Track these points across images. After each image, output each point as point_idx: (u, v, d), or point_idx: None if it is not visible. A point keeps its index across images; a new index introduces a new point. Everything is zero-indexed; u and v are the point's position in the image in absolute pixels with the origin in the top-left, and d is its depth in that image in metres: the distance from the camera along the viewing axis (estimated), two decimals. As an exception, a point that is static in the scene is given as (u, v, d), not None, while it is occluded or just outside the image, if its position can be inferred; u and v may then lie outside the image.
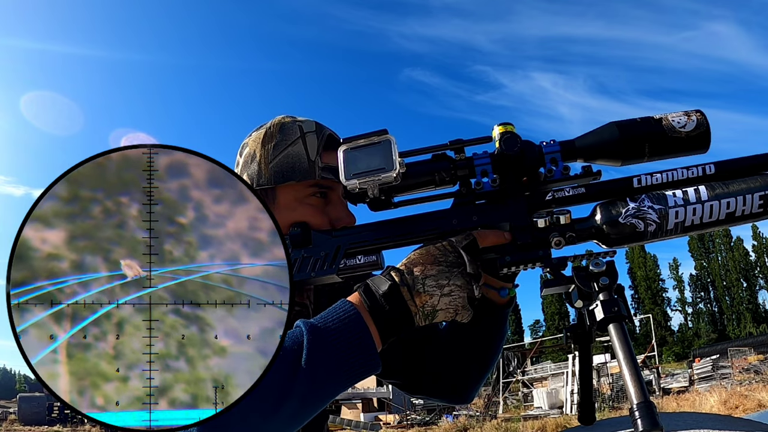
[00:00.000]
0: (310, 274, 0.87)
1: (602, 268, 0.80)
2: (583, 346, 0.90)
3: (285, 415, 0.69)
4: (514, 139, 0.84)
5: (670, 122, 0.83)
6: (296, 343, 0.72)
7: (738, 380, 21.32)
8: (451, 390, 1.10)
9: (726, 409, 12.68)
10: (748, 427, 1.18)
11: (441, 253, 0.81)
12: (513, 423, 16.96)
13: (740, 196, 0.81)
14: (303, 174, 0.97)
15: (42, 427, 25.16)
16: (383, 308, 0.77)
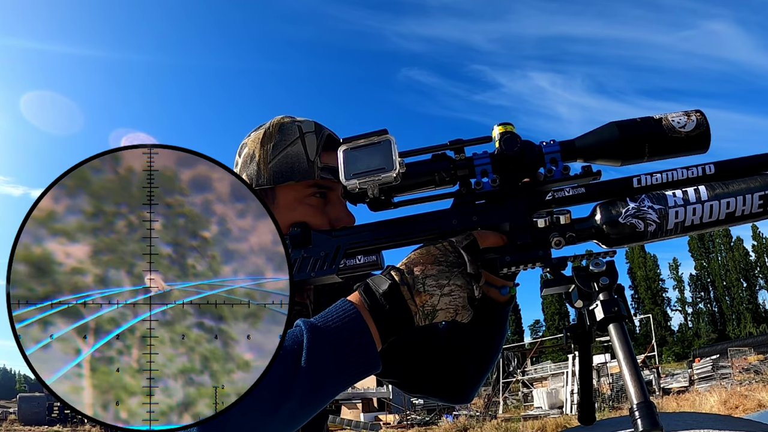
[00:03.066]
0: (310, 274, 0.87)
1: (602, 268, 0.80)
2: (583, 346, 0.90)
3: (285, 414, 0.69)
4: (514, 139, 0.84)
5: (670, 122, 0.83)
6: (296, 342, 0.72)
7: (738, 380, 21.32)
8: (451, 390, 1.10)
9: (726, 409, 12.67)
10: (748, 427, 1.18)
11: (441, 253, 0.81)
12: (513, 423, 16.96)
13: (740, 196, 0.81)
14: (302, 174, 0.97)
15: (42, 427, 25.16)
16: (383, 307, 0.77)
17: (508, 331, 1.08)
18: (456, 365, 1.08)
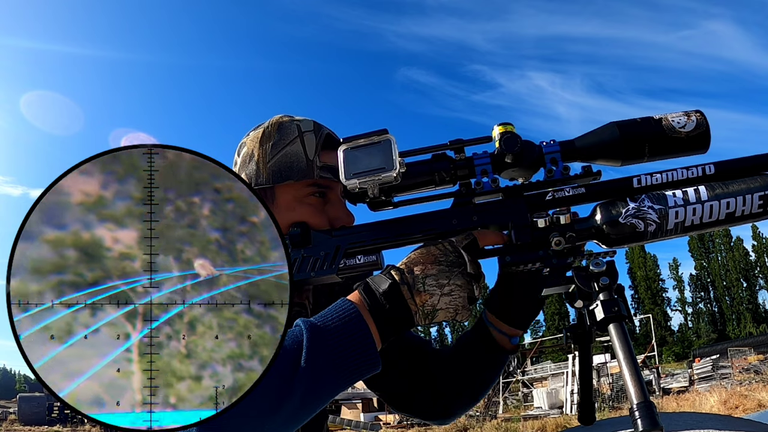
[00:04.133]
0: (310, 274, 0.87)
1: (602, 268, 0.80)
2: (583, 346, 0.90)
3: (285, 413, 0.69)
4: (514, 139, 0.84)
5: (670, 122, 0.83)
6: (296, 342, 0.72)
7: (738, 380, 21.32)
8: (440, 412, 1.08)
9: (726, 409, 12.68)
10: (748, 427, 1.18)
11: (441, 252, 0.81)
12: (513, 423, 16.96)
13: (740, 196, 0.81)
14: (301, 173, 0.97)
15: (42, 427, 25.16)
16: (383, 307, 0.77)
17: None
18: (447, 394, 1.06)
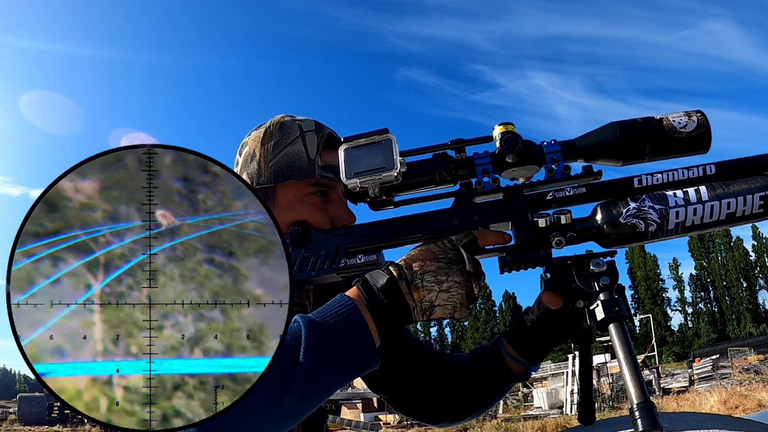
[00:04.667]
0: (311, 274, 0.87)
1: (603, 268, 0.80)
2: (583, 346, 0.90)
3: (283, 409, 0.70)
4: (514, 138, 0.84)
5: (671, 122, 0.83)
6: (294, 337, 0.72)
7: (738, 380, 21.32)
8: (452, 415, 1.08)
9: (726, 409, 12.68)
10: (748, 427, 1.18)
11: (441, 250, 0.81)
12: (513, 423, 16.96)
13: (741, 196, 0.81)
14: (303, 173, 0.97)
15: (42, 427, 25.17)
16: (381, 302, 0.77)
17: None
18: (461, 398, 1.06)
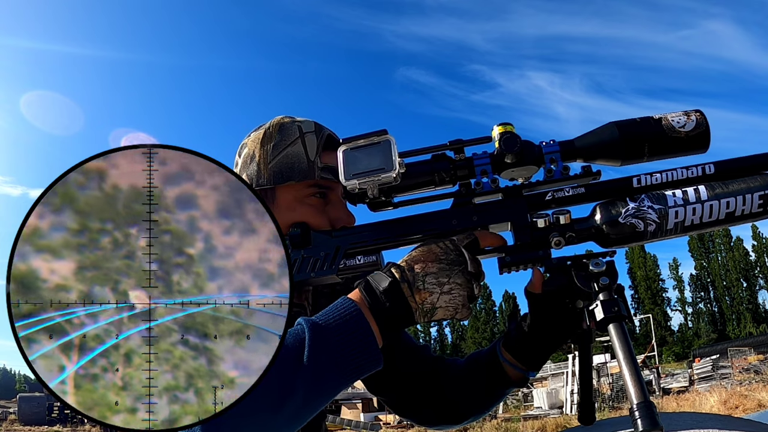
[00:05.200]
0: (310, 275, 0.87)
1: (602, 268, 0.80)
2: (583, 346, 0.90)
3: (288, 412, 0.70)
4: (513, 139, 0.84)
5: (670, 122, 0.83)
6: (298, 340, 0.72)
7: (738, 380, 21.32)
8: (449, 418, 1.08)
9: (726, 409, 12.68)
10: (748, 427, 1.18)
11: (442, 251, 0.81)
12: (513, 423, 16.95)
13: (740, 195, 0.81)
14: (302, 174, 0.97)
15: (42, 427, 25.16)
16: (384, 305, 0.77)
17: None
18: (458, 402, 1.06)
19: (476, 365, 1.03)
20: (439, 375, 1.07)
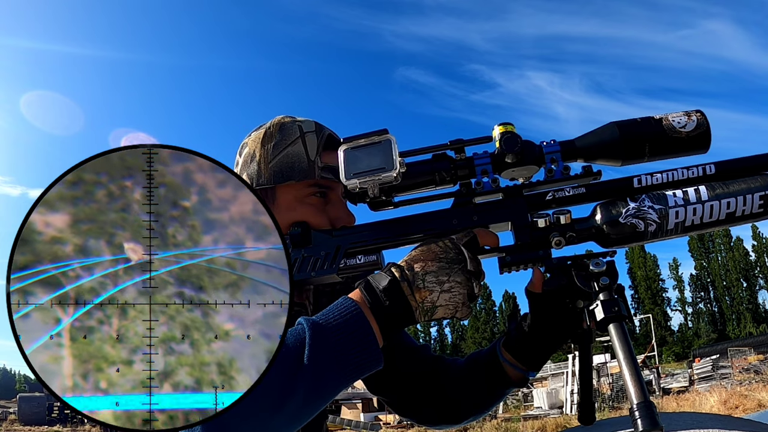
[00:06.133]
0: (311, 274, 0.87)
1: (602, 268, 0.80)
2: (583, 346, 0.90)
3: (288, 411, 0.70)
4: (514, 139, 0.84)
5: (671, 122, 0.83)
6: (298, 340, 0.72)
7: (738, 380, 21.33)
8: (450, 417, 1.08)
9: (726, 409, 12.68)
10: (748, 427, 1.18)
11: (442, 249, 0.81)
12: (513, 423, 16.96)
13: (740, 196, 0.81)
14: (303, 174, 0.97)
15: (42, 427, 25.17)
16: (384, 304, 0.77)
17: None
18: (459, 401, 1.06)
19: (476, 365, 1.03)
20: (439, 374, 1.07)
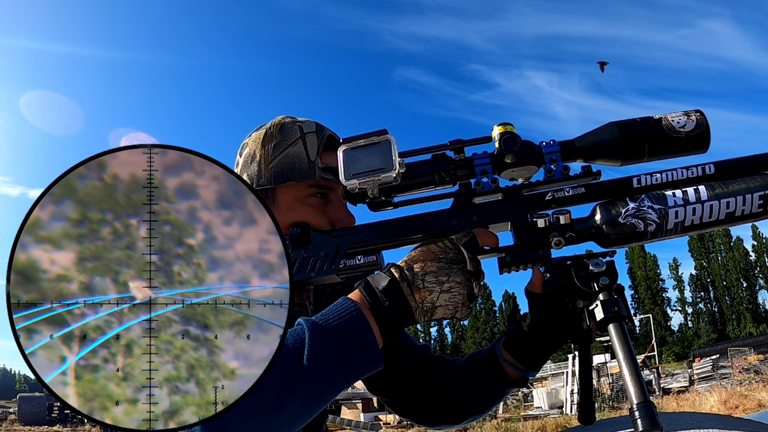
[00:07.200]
0: (310, 275, 0.87)
1: (602, 268, 0.80)
2: (583, 346, 0.90)
3: (288, 412, 0.70)
4: (513, 139, 0.84)
5: (670, 122, 0.83)
6: (298, 340, 0.72)
7: (738, 380, 21.33)
8: (449, 417, 1.08)
9: (726, 409, 12.68)
10: (748, 427, 1.18)
11: (441, 249, 0.81)
12: (513, 423, 16.95)
13: (740, 195, 0.81)
14: (303, 174, 0.97)
15: (42, 427, 25.16)
16: (383, 304, 0.77)
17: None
18: (459, 401, 1.06)
19: (476, 365, 1.03)
20: (439, 375, 1.07)
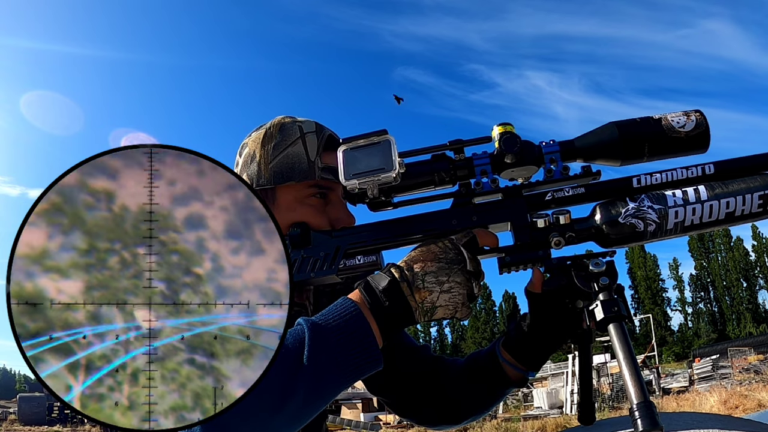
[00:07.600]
0: (310, 275, 0.87)
1: (602, 268, 0.80)
2: (583, 346, 0.90)
3: (288, 412, 0.70)
4: (513, 139, 0.84)
5: (670, 122, 0.84)
6: (298, 340, 0.72)
7: (738, 380, 21.33)
8: (450, 418, 1.08)
9: (726, 409, 12.68)
10: (748, 427, 1.18)
11: (441, 250, 0.81)
12: (513, 423, 16.95)
13: (740, 195, 0.81)
14: (303, 174, 0.97)
15: (42, 427, 25.16)
16: (383, 304, 0.77)
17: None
18: (459, 401, 1.06)
19: (476, 365, 1.03)
20: (439, 375, 1.07)
